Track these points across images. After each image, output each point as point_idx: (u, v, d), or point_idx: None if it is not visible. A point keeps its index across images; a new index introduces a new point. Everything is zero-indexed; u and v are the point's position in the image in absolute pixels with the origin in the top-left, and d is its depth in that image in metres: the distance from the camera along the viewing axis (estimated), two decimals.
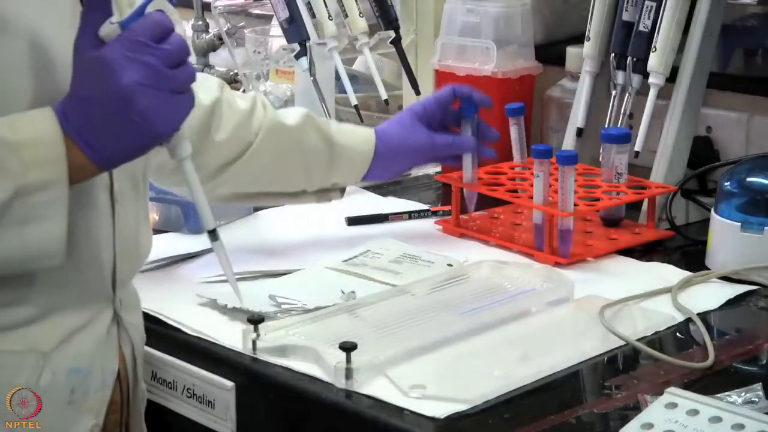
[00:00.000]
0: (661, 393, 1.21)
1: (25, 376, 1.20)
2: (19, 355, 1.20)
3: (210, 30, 2.67)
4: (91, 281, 1.25)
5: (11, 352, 1.19)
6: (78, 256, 1.21)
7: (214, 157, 1.62)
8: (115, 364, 1.29)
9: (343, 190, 1.75)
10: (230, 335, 1.42)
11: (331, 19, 2.01)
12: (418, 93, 2.10)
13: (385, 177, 1.84)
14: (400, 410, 1.24)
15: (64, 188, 1.14)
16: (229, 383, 1.38)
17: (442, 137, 1.75)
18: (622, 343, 1.39)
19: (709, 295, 1.54)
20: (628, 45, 1.84)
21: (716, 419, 1.14)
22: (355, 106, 2.01)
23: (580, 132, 1.92)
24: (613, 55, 1.86)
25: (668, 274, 1.61)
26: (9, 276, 1.17)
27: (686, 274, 1.60)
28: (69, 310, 1.23)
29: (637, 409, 1.22)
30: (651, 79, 1.81)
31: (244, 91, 2.56)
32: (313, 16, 2.01)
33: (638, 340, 1.40)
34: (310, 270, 1.63)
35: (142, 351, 1.36)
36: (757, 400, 1.22)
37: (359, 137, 1.72)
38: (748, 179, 1.65)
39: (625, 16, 1.86)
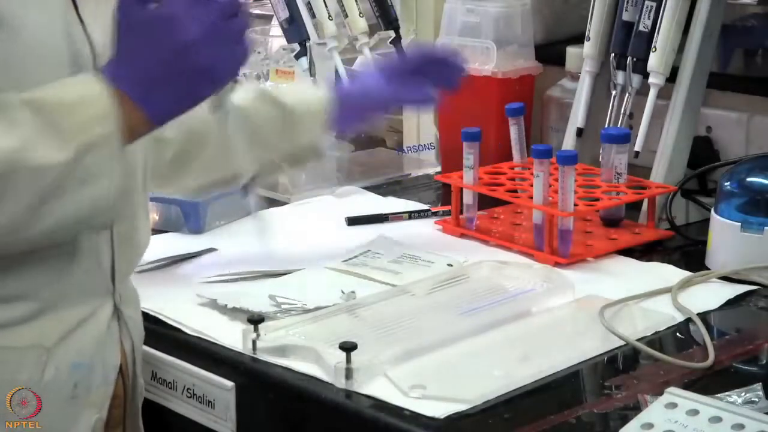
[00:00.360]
0: (661, 393, 1.21)
1: (28, 372, 1.20)
2: (22, 351, 1.20)
3: None
4: (91, 275, 1.25)
5: (14, 348, 1.20)
6: (77, 249, 1.22)
7: (163, 153, 1.57)
8: (116, 359, 1.29)
9: (316, 152, 1.66)
10: (230, 335, 1.41)
11: (331, 19, 2.01)
12: None
13: (350, 126, 1.76)
14: (400, 410, 1.24)
15: (117, 143, 1.15)
16: (229, 383, 1.38)
17: (401, 91, 1.67)
18: (622, 343, 1.39)
19: (709, 295, 1.54)
20: (628, 45, 1.84)
21: (716, 419, 1.14)
22: None
23: (580, 132, 1.92)
24: (613, 55, 1.86)
25: (668, 274, 1.61)
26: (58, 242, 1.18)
27: (686, 274, 1.60)
28: (70, 305, 1.23)
29: (637, 409, 1.22)
30: (651, 79, 1.81)
31: None
32: (313, 16, 2.01)
33: (638, 340, 1.40)
34: (310, 270, 1.63)
35: (141, 347, 1.36)
36: (757, 400, 1.22)
37: (310, 94, 1.66)
38: (748, 179, 1.65)
39: (625, 16, 1.86)
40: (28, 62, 1.16)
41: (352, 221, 1.85)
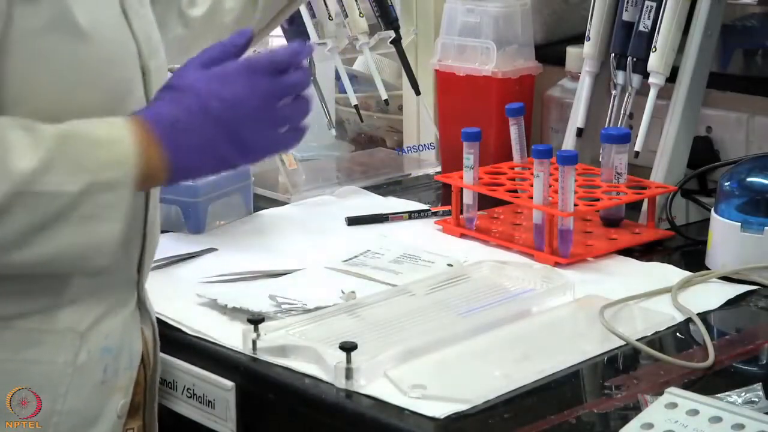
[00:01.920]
0: (661, 393, 1.21)
1: (65, 355, 1.22)
2: (60, 334, 1.22)
3: None
4: (122, 264, 1.27)
5: (52, 331, 1.22)
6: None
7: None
8: (139, 345, 1.32)
9: None
10: (230, 335, 1.42)
11: (331, 19, 2.01)
12: (418, 93, 2.11)
13: None
14: (400, 410, 1.24)
15: (130, 192, 1.16)
16: (229, 383, 1.38)
17: None
18: (622, 343, 1.39)
19: (709, 295, 1.54)
20: (628, 45, 1.84)
21: (716, 419, 1.14)
22: (355, 106, 2.01)
23: (580, 132, 1.92)
24: (613, 55, 1.86)
25: (668, 274, 1.61)
26: (52, 273, 1.20)
27: (686, 274, 1.60)
28: (102, 293, 1.26)
29: (637, 409, 1.22)
30: (651, 79, 1.81)
31: None
32: (313, 16, 2.01)
33: (638, 340, 1.40)
34: (310, 270, 1.63)
35: (158, 335, 1.38)
36: (757, 400, 1.22)
37: None
38: (748, 179, 1.65)
39: (625, 16, 1.86)
40: (101, 65, 1.19)
41: (352, 221, 1.85)
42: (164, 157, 1.18)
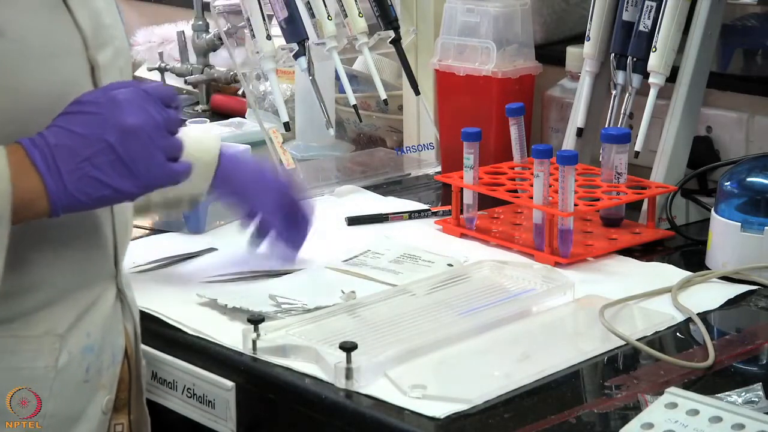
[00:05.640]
0: (661, 393, 1.21)
1: (44, 359, 1.21)
2: (38, 339, 1.21)
3: (210, 30, 2.68)
4: (98, 260, 1.27)
5: (30, 337, 1.21)
6: (83, 235, 1.23)
7: None
8: (121, 339, 1.32)
9: (193, 202, 1.62)
10: (230, 335, 1.41)
11: (331, 19, 2.00)
12: (417, 93, 2.11)
13: (228, 194, 1.63)
14: (400, 410, 1.24)
15: (5, 225, 1.12)
16: (229, 383, 1.38)
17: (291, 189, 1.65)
18: (622, 343, 1.39)
19: (709, 295, 1.54)
20: (628, 45, 1.84)
21: (716, 419, 1.14)
22: (354, 106, 2.01)
23: (580, 132, 1.92)
24: (613, 55, 1.86)
25: (668, 274, 1.61)
26: (25, 261, 1.18)
27: (686, 274, 1.60)
28: (80, 291, 1.25)
29: (637, 409, 1.22)
30: (651, 79, 1.81)
31: (243, 92, 2.57)
32: (312, 15, 2.01)
33: (638, 340, 1.40)
34: (310, 270, 1.63)
35: (140, 329, 1.37)
36: (757, 400, 1.22)
37: (202, 146, 1.58)
38: (748, 179, 1.65)
39: (625, 16, 1.86)
40: (13, 59, 1.15)
41: (352, 221, 1.85)
42: (41, 185, 1.13)
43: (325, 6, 2.00)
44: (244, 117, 2.46)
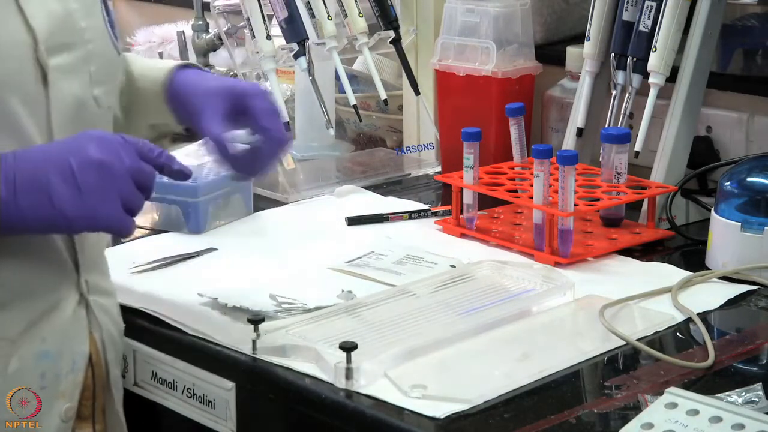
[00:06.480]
0: (661, 393, 1.21)
1: None
2: None
3: (210, 30, 2.67)
4: (53, 266, 1.24)
5: None
6: (34, 240, 1.21)
7: None
8: (85, 346, 1.28)
9: (175, 138, 1.50)
10: (230, 335, 1.41)
11: (331, 19, 2.01)
12: (417, 93, 2.11)
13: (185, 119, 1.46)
14: (400, 410, 1.24)
15: None
16: (229, 383, 1.38)
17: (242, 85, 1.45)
18: (622, 343, 1.39)
19: (709, 295, 1.54)
20: (628, 45, 1.84)
21: (716, 419, 1.14)
22: (354, 106, 2.01)
23: (580, 132, 1.92)
24: (613, 55, 1.86)
25: (668, 274, 1.61)
26: None
27: (686, 274, 1.60)
28: (34, 296, 1.22)
29: (637, 409, 1.22)
30: (651, 79, 1.81)
31: None
32: (312, 15, 2.01)
33: (638, 340, 1.40)
34: (311, 270, 1.63)
35: (116, 337, 1.35)
36: (757, 400, 1.22)
37: (148, 79, 1.46)
38: (748, 179, 1.65)
39: (625, 16, 1.86)
40: None
41: (352, 221, 1.85)
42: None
43: (325, 6, 2.01)
44: None
